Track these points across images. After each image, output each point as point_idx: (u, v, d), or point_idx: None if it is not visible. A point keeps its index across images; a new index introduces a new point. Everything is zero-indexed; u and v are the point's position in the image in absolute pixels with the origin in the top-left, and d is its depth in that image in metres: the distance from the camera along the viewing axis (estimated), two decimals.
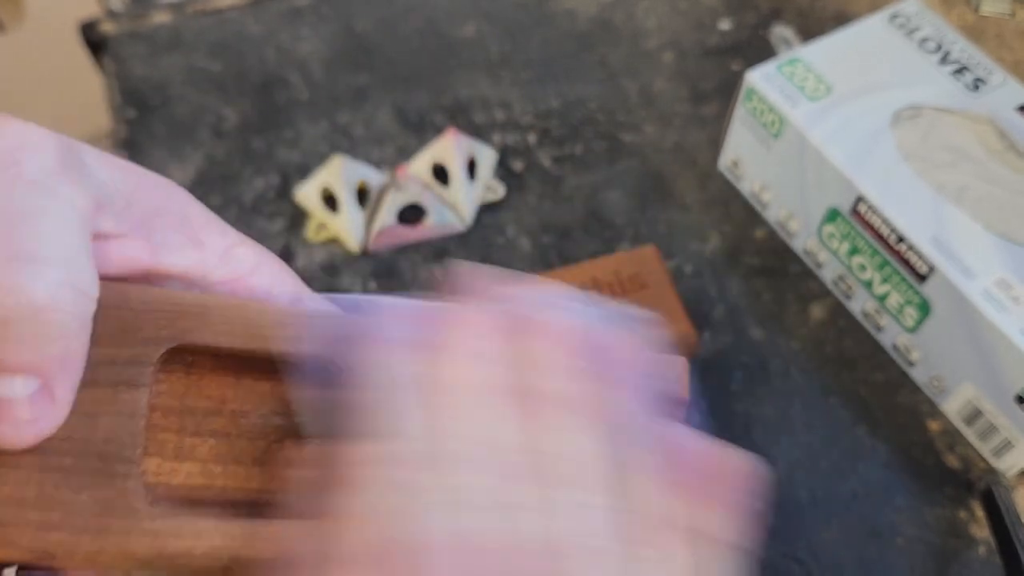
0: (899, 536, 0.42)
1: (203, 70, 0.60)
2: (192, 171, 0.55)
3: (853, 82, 0.48)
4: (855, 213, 0.45)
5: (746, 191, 0.53)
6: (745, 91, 0.49)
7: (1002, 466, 0.43)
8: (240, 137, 0.56)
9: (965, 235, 0.43)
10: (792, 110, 0.47)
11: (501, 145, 0.56)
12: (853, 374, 0.47)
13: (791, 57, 0.50)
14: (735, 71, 0.59)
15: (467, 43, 0.61)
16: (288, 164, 0.55)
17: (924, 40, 0.51)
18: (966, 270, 0.42)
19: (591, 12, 0.63)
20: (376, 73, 0.60)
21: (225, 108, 0.58)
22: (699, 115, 0.57)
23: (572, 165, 0.55)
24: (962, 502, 0.43)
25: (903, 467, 0.44)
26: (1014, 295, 0.41)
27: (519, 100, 0.58)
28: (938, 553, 0.41)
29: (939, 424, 0.45)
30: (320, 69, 0.60)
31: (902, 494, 0.43)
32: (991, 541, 0.41)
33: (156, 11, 0.63)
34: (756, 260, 0.51)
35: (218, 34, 0.62)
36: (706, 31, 0.62)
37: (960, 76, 0.49)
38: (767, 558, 0.41)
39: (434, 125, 0.57)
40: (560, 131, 0.56)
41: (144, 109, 0.58)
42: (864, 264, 0.46)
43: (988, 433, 0.43)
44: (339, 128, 0.57)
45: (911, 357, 0.46)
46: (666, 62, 0.60)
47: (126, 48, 0.61)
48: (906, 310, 0.45)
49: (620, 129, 0.57)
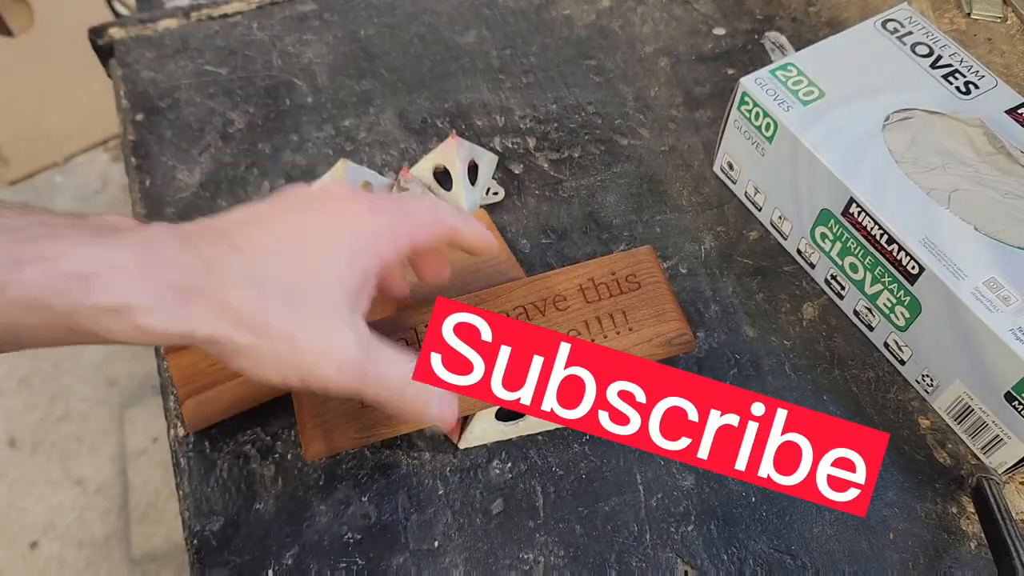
0: (890, 531, 0.42)
1: (210, 74, 0.61)
2: (199, 174, 0.56)
3: (845, 86, 0.49)
4: (847, 214, 0.46)
5: (740, 193, 0.54)
6: (739, 96, 0.50)
7: (992, 463, 0.44)
8: (246, 141, 0.57)
9: (955, 236, 0.44)
10: (785, 114, 0.48)
11: (501, 149, 0.57)
12: (845, 372, 0.47)
13: (784, 62, 0.51)
14: (729, 76, 0.60)
15: (468, 50, 0.62)
16: (294, 167, 0.56)
17: (915, 45, 0.51)
18: (956, 270, 0.42)
19: (588, 19, 0.64)
20: (380, 79, 0.61)
21: (232, 112, 0.59)
22: (694, 119, 0.58)
23: (570, 168, 0.56)
24: (952, 497, 0.44)
25: (894, 463, 0.45)
26: (1003, 295, 0.42)
27: (519, 105, 0.59)
28: (929, 547, 0.42)
29: (930, 421, 0.46)
30: (325, 74, 0.61)
31: (893, 489, 0.44)
32: (981, 536, 0.42)
33: (164, 16, 0.64)
34: (750, 260, 0.52)
35: (225, 39, 0.63)
36: (701, 37, 0.63)
37: (951, 80, 0.50)
38: (761, 552, 0.42)
39: (436, 129, 0.58)
40: (558, 135, 0.57)
41: (152, 113, 0.59)
42: (856, 264, 0.47)
43: (978, 430, 0.44)
44: (344, 132, 0.58)
45: (902, 355, 0.47)
46: (662, 68, 0.61)
47: (134, 53, 0.62)
48: (897, 309, 0.46)
49: (617, 133, 0.58)
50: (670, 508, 0.43)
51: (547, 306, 0.43)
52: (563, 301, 0.43)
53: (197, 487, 0.43)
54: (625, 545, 0.42)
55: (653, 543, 0.42)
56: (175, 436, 0.45)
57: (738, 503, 0.43)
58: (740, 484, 0.44)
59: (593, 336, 0.42)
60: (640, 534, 0.42)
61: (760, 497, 0.43)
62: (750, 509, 0.43)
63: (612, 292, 0.44)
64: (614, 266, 0.44)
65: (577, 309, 0.43)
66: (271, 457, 0.44)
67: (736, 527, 0.42)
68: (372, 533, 0.42)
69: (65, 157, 1.59)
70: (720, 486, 0.43)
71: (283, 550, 0.41)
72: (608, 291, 0.44)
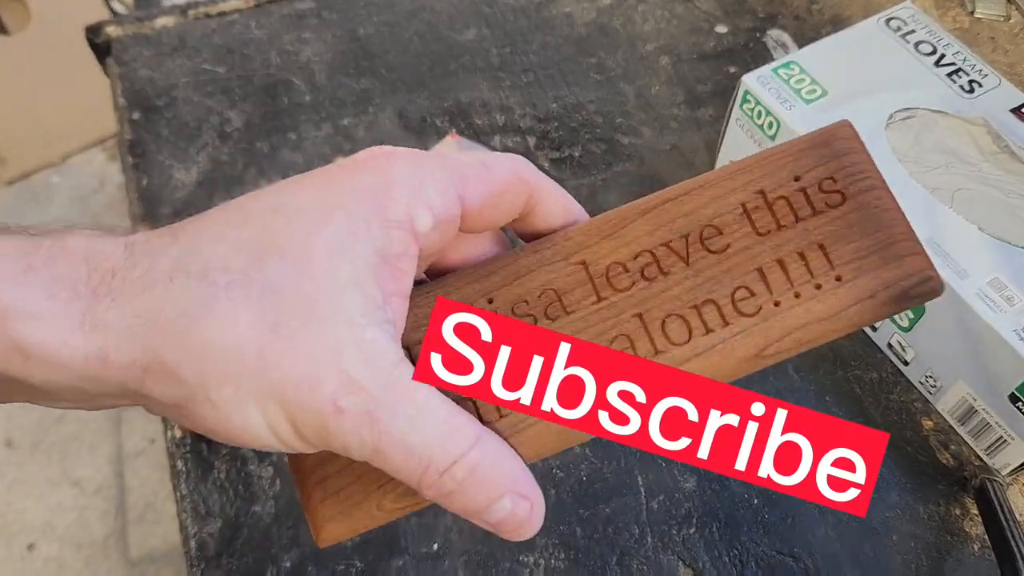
0: (894, 533, 0.42)
1: (208, 73, 0.60)
2: (196, 173, 0.55)
3: (848, 85, 0.49)
4: None
5: None
6: (741, 94, 0.50)
7: (995, 464, 0.44)
8: (244, 140, 0.57)
9: (959, 236, 0.43)
10: (788, 113, 0.48)
11: (501, 147, 0.56)
12: (848, 373, 0.47)
13: (787, 60, 0.50)
14: (731, 75, 0.60)
15: (468, 48, 0.62)
16: (292, 166, 0.55)
17: (919, 43, 0.51)
18: (960, 270, 0.42)
19: (589, 17, 0.64)
20: (378, 77, 0.60)
21: (229, 111, 0.58)
22: (696, 118, 0.58)
23: (571, 167, 0.55)
24: (956, 499, 0.43)
25: (897, 465, 0.44)
26: (1007, 295, 0.41)
27: (519, 103, 0.59)
28: (932, 549, 0.42)
29: (933, 422, 0.46)
30: (323, 73, 0.60)
31: (896, 491, 0.43)
32: (985, 538, 0.42)
33: (161, 14, 0.64)
34: None
35: (222, 37, 0.62)
36: (703, 35, 0.62)
37: (954, 79, 0.50)
38: (763, 555, 0.41)
39: (436, 128, 0.57)
40: (559, 134, 0.57)
41: (149, 111, 0.58)
42: None
43: (981, 431, 0.44)
44: (342, 131, 0.57)
45: (905, 356, 0.47)
46: (663, 66, 0.61)
47: (131, 51, 0.62)
48: None
49: (618, 132, 0.57)
50: (671, 510, 0.42)
51: (691, 248, 0.26)
52: (718, 236, 0.26)
53: (195, 489, 0.43)
54: (626, 547, 0.41)
55: (654, 545, 0.41)
56: (172, 438, 0.45)
57: (740, 505, 0.43)
58: (742, 486, 0.43)
59: (777, 297, 0.25)
60: (641, 536, 0.42)
61: (762, 499, 0.43)
62: (752, 511, 0.42)
63: (800, 213, 0.26)
64: (796, 164, 0.27)
65: (744, 249, 0.26)
66: (269, 459, 0.44)
67: (738, 529, 0.42)
68: (371, 536, 0.42)
69: (62, 156, 1.58)
70: (722, 488, 0.43)
71: (282, 553, 0.41)
72: (792, 211, 0.26)
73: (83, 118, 1.54)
